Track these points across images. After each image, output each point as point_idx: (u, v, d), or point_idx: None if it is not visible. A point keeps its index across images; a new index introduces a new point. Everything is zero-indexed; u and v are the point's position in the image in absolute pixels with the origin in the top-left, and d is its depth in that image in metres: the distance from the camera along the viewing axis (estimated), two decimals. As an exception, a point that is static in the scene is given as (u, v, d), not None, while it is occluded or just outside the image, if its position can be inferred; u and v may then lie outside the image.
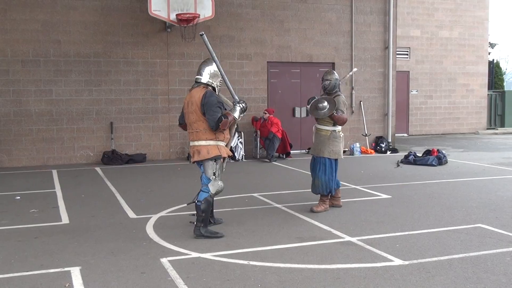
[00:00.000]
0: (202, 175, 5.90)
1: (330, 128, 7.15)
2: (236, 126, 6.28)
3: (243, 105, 5.95)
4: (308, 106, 7.17)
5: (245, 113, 6.05)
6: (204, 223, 5.79)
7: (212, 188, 5.83)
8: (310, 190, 7.33)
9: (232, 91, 6.10)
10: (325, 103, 6.98)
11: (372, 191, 8.51)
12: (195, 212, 5.84)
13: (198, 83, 5.95)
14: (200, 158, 5.79)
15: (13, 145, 11.87)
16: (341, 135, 7.27)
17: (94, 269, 4.79)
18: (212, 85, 5.96)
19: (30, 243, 5.65)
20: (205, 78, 5.93)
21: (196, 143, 5.84)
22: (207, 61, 6.04)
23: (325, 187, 7.07)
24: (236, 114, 5.88)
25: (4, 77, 11.73)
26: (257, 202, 7.71)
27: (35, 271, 4.75)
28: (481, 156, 13.19)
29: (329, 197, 7.21)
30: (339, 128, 7.22)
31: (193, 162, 5.94)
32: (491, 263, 4.86)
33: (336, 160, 7.21)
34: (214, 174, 5.84)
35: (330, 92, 7.29)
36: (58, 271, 4.74)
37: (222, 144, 5.91)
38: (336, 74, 7.39)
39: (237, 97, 6.04)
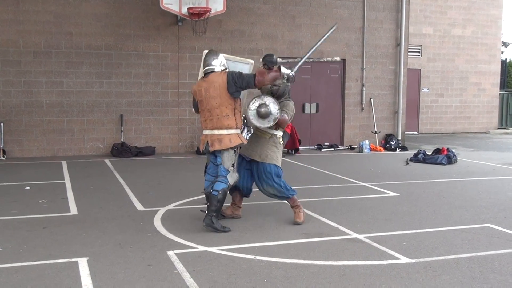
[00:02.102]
0: (220, 166, 5.79)
1: (272, 131, 6.11)
2: (245, 121, 6.26)
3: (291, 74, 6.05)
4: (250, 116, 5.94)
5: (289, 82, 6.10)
6: (217, 213, 5.76)
7: (231, 179, 5.79)
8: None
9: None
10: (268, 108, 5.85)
11: (380, 189, 8.49)
12: (208, 202, 5.79)
13: (212, 71, 5.79)
14: (223, 147, 5.68)
15: (23, 136, 11.96)
16: (282, 143, 6.19)
17: (101, 260, 4.82)
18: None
19: (38, 233, 5.70)
20: (218, 67, 5.80)
21: (216, 131, 5.71)
22: (213, 53, 5.90)
23: (286, 189, 6.10)
24: (285, 71, 5.98)
25: (16, 68, 11.80)
26: (264, 197, 7.66)
27: (43, 261, 4.79)
28: (491, 156, 13.10)
29: (288, 201, 6.27)
30: (280, 133, 6.17)
31: (211, 152, 5.78)
32: (499, 263, 4.83)
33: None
34: (233, 165, 5.79)
35: (279, 98, 6.15)
36: (65, 262, 4.77)
37: (239, 132, 5.86)
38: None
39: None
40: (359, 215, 6.69)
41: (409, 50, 16.34)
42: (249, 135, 6.05)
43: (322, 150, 13.89)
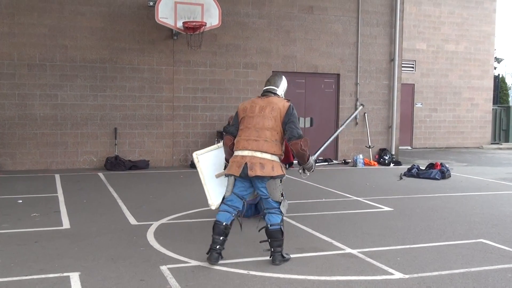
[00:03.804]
0: (268, 199, 5.15)
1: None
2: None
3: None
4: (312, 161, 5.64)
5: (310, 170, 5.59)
6: (283, 245, 5.23)
7: (284, 209, 5.22)
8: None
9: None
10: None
11: (374, 203, 8.49)
12: (269, 238, 5.16)
13: (272, 93, 5.43)
14: (264, 173, 5.04)
15: (17, 149, 11.91)
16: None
17: (93, 275, 4.78)
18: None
19: (30, 247, 5.65)
20: (280, 91, 5.48)
21: (258, 154, 5.09)
22: (279, 75, 5.63)
23: None
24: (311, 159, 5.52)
25: (10, 81, 11.79)
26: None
27: (35, 275, 4.74)
28: (484, 171, 13.14)
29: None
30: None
31: (252, 176, 5.10)
32: (492, 279, 4.82)
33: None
34: (282, 195, 5.19)
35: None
36: (57, 276, 4.73)
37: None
38: None
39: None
40: (353, 229, 6.68)
41: (402, 65, 16.44)
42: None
43: (316, 164, 13.89)
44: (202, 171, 5.65)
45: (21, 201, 8.24)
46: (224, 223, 5.13)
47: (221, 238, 5.12)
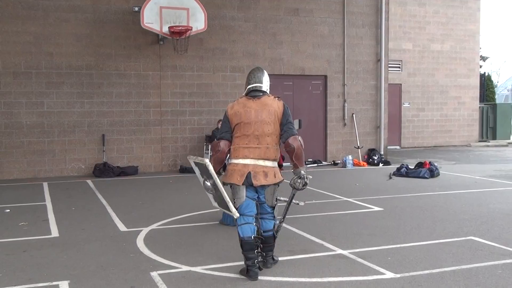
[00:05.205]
0: (264, 205, 5.04)
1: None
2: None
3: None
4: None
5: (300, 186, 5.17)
6: (273, 249, 5.19)
7: (277, 213, 5.15)
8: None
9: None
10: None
11: (364, 204, 8.50)
12: (262, 244, 5.04)
13: (259, 91, 5.14)
14: (268, 182, 4.95)
15: (3, 158, 11.79)
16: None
17: (83, 283, 4.73)
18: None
19: (18, 257, 5.58)
20: (265, 86, 5.19)
21: (261, 162, 4.95)
22: (261, 70, 5.29)
23: None
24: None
25: (-4, 89, 11.69)
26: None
27: (23, 285, 4.68)
28: (473, 169, 13.22)
29: None
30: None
31: (256, 186, 4.95)
32: (483, 276, 4.84)
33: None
34: (277, 199, 5.15)
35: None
36: (46, 285, 4.67)
37: None
38: None
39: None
40: (343, 230, 6.68)
41: (389, 65, 16.51)
42: None
43: (306, 165, 13.90)
44: (217, 182, 4.84)
45: (8, 210, 8.15)
46: (252, 237, 4.85)
47: (255, 252, 4.89)
